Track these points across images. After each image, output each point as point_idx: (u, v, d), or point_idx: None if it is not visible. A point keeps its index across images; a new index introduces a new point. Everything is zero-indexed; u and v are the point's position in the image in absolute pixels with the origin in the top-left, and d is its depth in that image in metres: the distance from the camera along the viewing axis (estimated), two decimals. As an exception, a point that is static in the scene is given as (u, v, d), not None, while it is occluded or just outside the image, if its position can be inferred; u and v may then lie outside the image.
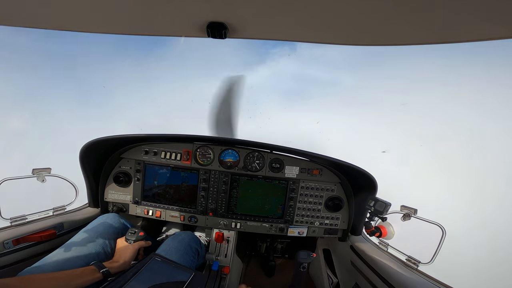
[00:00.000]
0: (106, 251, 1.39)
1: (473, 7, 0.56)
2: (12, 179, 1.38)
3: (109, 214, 1.64)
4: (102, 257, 1.34)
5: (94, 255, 1.31)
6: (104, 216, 1.58)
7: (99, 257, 1.33)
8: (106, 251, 1.39)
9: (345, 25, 0.73)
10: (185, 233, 1.66)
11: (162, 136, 1.77)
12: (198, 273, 1.07)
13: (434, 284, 1.24)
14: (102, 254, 1.35)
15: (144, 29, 0.88)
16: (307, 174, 1.84)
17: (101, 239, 1.40)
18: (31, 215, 1.50)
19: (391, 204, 1.46)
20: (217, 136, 1.73)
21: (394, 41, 0.78)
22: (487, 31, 0.64)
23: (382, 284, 1.43)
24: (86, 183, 1.76)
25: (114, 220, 1.56)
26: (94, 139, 1.58)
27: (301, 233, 1.90)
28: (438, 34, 0.71)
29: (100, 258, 1.32)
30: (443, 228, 1.30)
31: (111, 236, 1.46)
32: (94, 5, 0.73)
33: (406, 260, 1.45)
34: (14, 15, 0.81)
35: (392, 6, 0.61)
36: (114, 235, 1.48)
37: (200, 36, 0.84)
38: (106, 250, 1.39)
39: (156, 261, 1.08)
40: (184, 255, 1.46)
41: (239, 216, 1.91)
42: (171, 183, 1.92)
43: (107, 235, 1.44)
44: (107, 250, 1.40)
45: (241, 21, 0.75)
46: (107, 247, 1.40)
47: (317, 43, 0.86)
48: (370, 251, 1.65)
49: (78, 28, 0.87)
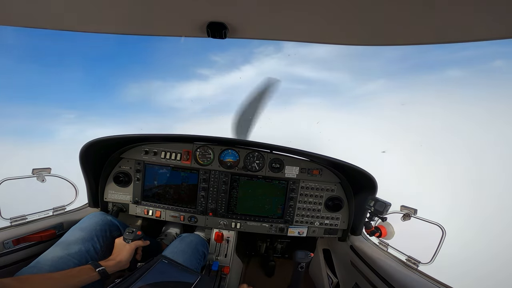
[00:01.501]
0: (96, 248, 1.41)
1: (473, 7, 0.57)
2: (12, 179, 1.38)
3: (95, 212, 1.65)
4: (92, 254, 1.37)
5: (84, 252, 1.33)
6: (91, 214, 1.60)
7: (89, 254, 1.35)
8: (95, 248, 1.41)
9: (345, 25, 0.73)
10: (193, 236, 1.67)
11: (162, 136, 1.77)
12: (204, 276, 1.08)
13: (434, 284, 1.24)
14: (92, 251, 1.38)
15: (144, 29, 0.88)
16: (307, 174, 1.84)
17: (88, 236, 1.42)
18: (31, 215, 1.50)
19: (391, 204, 1.46)
20: (217, 136, 1.73)
21: (394, 41, 0.78)
22: (487, 31, 0.64)
23: (382, 284, 1.43)
24: (86, 183, 1.76)
25: (100, 217, 1.57)
26: (94, 139, 1.58)
27: (301, 233, 1.90)
28: (438, 34, 0.71)
29: (90, 255, 1.35)
30: (443, 228, 1.30)
31: (98, 233, 1.47)
32: (94, 5, 0.73)
33: (406, 260, 1.45)
34: (14, 15, 0.81)
35: (392, 6, 0.61)
36: (101, 232, 1.50)
37: (200, 36, 0.84)
38: (95, 247, 1.41)
39: (163, 263, 1.09)
40: (191, 257, 1.47)
41: (239, 216, 1.91)
42: (171, 183, 1.92)
43: (94, 232, 1.46)
44: (97, 247, 1.42)
45: (241, 21, 0.75)
46: (96, 244, 1.42)
47: (317, 43, 0.87)
48: (370, 251, 1.65)
49: (78, 28, 0.87)
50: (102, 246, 1.46)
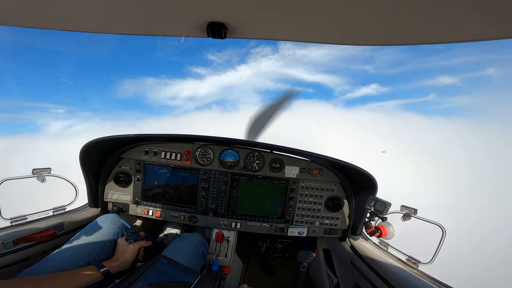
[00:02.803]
0: (107, 251, 1.39)
1: (473, 7, 0.57)
2: (12, 179, 1.38)
3: (109, 214, 1.64)
4: (102, 257, 1.35)
5: (95, 255, 1.31)
6: (104, 216, 1.58)
7: (99, 257, 1.33)
8: (106, 251, 1.39)
9: (346, 25, 0.73)
10: (193, 235, 1.66)
11: (162, 136, 1.77)
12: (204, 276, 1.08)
13: (434, 284, 1.24)
14: (102, 254, 1.36)
15: (144, 29, 0.88)
16: (307, 174, 1.84)
17: (101, 239, 1.40)
18: (31, 215, 1.50)
19: (391, 204, 1.46)
20: (217, 136, 1.73)
21: (394, 41, 0.78)
22: (487, 31, 0.64)
23: (382, 284, 1.42)
24: (86, 183, 1.76)
25: (114, 221, 1.56)
26: (94, 139, 1.58)
27: (301, 233, 1.90)
28: (438, 34, 0.71)
29: (100, 258, 1.33)
30: (443, 228, 1.30)
31: (110, 237, 1.46)
32: (94, 5, 0.73)
33: (406, 260, 1.45)
34: (14, 15, 0.81)
35: (392, 6, 0.61)
36: (114, 236, 1.48)
37: (200, 36, 0.84)
38: (106, 250, 1.39)
39: (162, 263, 1.09)
40: (191, 257, 1.47)
41: (239, 216, 1.91)
42: (171, 183, 1.92)
43: (107, 235, 1.44)
44: (108, 250, 1.40)
45: (241, 21, 0.75)
46: (107, 248, 1.40)
47: (318, 43, 0.87)
48: (370, 251, 1.65)
49: (78, 28, 0.87)
50: (113, 249, 1.44)
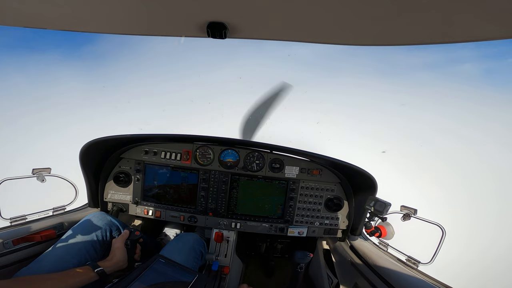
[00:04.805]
0: (96, 248, 1.42)
1: (472, 7, 0.56)
2: (12, 179, 1.38)
3: (96, 212, 1.66)
4: (92, 254, 1.37)
5: (84, 252, 1.34)
6: (91, 214, 1.60)
7: (89, 254, 1.36)
8: (95, 248, 1.42)
9: (346, 25, 0.73)
10: (190, 235, 1.66)
11: (162, 136, 1.77)
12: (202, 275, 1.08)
13: (434, 284, 1.24)
14: (92, 251, 1.38)
15: (144, 29, 0.88)
16: (307, 174, 1.84)
17: (89, 237, 1.42)
18: (31, 215, 1.50)
19: (391, 204, 1.46)
20: (217, 136, 1.73)
21: (394, 41, 0.78)
22: (487, 31, 0.64)
23: (382, 284, 1.42)
24: (86, 183, 1.76)
25: (100, 218, 1.58)
26: (94, 139, 1.58)
27: (301, 233, 1.90)
28: (438, 34, 0.71)
29: (90, 255, 1.36)
30: (443, 228, 1.30)
31: (98, 233, 1.48)
32: (94, 5, 0.73)
33: (406, 260, 1.45)
34: (14, 15, 0.81)
35: (391, 6, 0.61)
36: (101, 232, 1.50)
37: (200, 36, 0.84)
38: (96, 247, 1.42)
39: (160, 263, 1.09)
40: (188, 256, 1.47)
41: (239, 216, 1.91)
42: (171, 183, 1.92)
43: (94, 233, 1.47)
44: (97, 247, 1.43)
45: (241, 21, 0.75)
46: (96, 245, 1.43)
47: (318, 43, 0.87)
48: (370, 251, 1.65)
49: (78, 28, 0.87)
50: (102, 246, 1.47)
